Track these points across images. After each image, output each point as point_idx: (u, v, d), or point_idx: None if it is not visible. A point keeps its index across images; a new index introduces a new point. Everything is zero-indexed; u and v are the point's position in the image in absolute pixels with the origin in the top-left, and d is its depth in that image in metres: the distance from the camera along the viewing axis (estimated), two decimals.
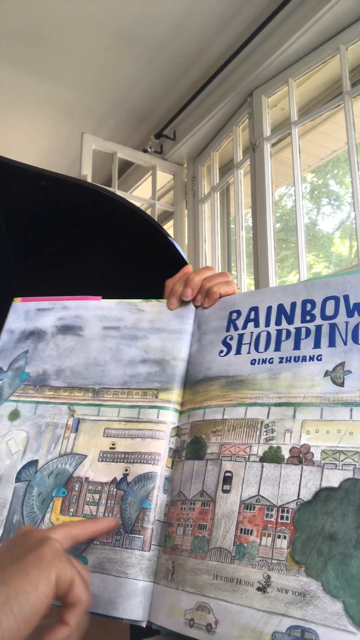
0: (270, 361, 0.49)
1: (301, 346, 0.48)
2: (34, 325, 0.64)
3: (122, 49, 2.08)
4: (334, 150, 2.32)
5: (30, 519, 0.51)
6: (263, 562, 0.39)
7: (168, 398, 0.54)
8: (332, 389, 0.44)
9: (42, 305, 0.66)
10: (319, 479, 0.40)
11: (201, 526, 0.44)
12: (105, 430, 0.53)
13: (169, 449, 0.51)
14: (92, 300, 0.65)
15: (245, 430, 0.46)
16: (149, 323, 0.60)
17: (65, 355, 0.60)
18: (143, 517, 0.47)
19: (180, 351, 0.57)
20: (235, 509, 0.43)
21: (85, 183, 1.32)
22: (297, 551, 0.38)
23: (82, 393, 0.57)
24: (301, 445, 0.42)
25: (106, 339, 0.60)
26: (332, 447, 0.41)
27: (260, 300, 0.55)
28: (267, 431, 0.45)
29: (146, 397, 0.55)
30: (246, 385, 0.49)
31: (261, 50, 1.98)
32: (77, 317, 0.63)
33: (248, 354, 0.52)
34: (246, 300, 0.56)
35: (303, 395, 0.45)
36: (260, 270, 1.98)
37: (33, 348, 0.62)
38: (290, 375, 0.47)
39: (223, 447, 0.47)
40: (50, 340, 0.62)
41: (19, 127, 2.59)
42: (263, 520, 0.41)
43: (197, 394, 0.53)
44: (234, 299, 0.58)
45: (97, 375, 0.58)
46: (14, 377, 0.61)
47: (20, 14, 1.92)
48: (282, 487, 0.41)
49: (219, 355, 0.54)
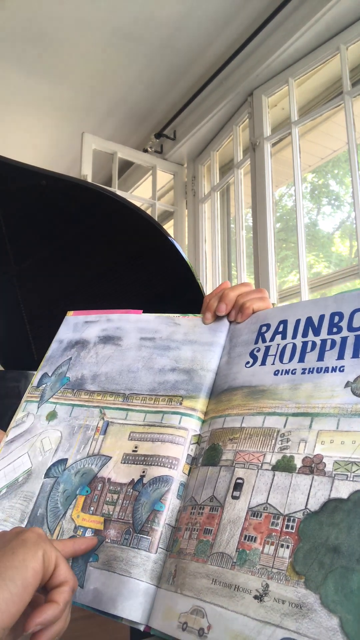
0: (293, 372, 0.50)
1: (325, 357, 0.49)
2: (80, 335, 0.69)
3: (122, 49, 2.08)
4: (334, 150, 2.32)
5: (53, 514, 0.53)
6: (263, 570, 0.39)
7: (192, 406, 0.55)
8: (351, 399, 0.44)
9: (89, 318, 0.71)
10: (328, 489, 0.39)
11: (207, 530, 0.44)
12: (131, 434, 0.55)
13: (187, 455, 0.52)
14: (134, 313, 0.69)
15: (261, 439, 0.46)
16: (183, 335, 0.63)
17: (102, 362, 0.64)
18: (154, 518, 0.48)
19: (210, 362, 0.59)
20: (242, 515, 0.42)
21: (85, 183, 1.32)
22: (298, 561, 0.37)
23: (114, 397, 0.60)
24: (314, 455, 0.42)
25: (141, 349, 0.64)
26: (345, 457, 0.40)
27: (290, 314, 0.56)
28: (282, 440, 0.45)
29: (171, 403, 0.57)
30: (267, 395, 0.50)
31: (261, 50, 1.98)
32: (118, 329, 0.68)
33: (272, 365, 0.52)
34: (277, 314, 0.58)
35: (322, 405, 0.45)
36: (260, 270, 1.98)
37: (76, 355, 0.67)
38: (311, 386, 0.47)
39: (238, 454, 0.47)
40: (92, 349, 0.67)
41: (19, 127, 2.58)
42: (268, 528, 0.40)
43: (220, 403, 0.54)
44: (265, 314, 0.59)
45: (129, 381, 0.61)
46: (55, 381, 0.65)
47: (20, 14, 1.92)
48: (291, 496, 0.41)
49: (245, 367, 0.55)
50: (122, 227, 1.16)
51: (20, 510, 0.55)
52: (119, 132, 2.58)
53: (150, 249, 1.17)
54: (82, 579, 0.47)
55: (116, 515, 0.50)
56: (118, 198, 1.12)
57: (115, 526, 0.49)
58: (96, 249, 1.24)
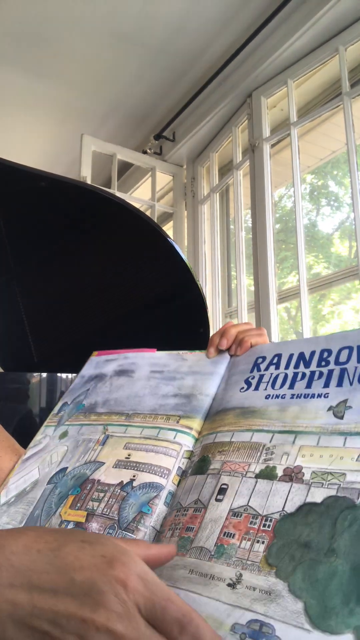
0: (282, 396, 0.56)
1: (312, 385, 0.54)
2: (99, 371, 0.78)
3: (122, 49, 2.08)
4: (334, 151, 2.32)
5: (47, 513, 0.56)
6: (238, 562, 0.41)
7: (188, 424, 0.60)
8: (332, 421, 0.49)
9: (110, 357, 0.79)
10: (304, 494, 0.43)
11: (189, 528, 0.47)
12: (126, 444, 0.60)
13: (178, 467, 0.55)
14: (148, 352, 0.77)
15: (248, 452, 0.51)
16: (188, 368, 0.70)
17: (115, 391, 0.71)
18: (140, 519, 0.50)
19: (209, 388, 0.65)
20: (224, 515, 0.46)
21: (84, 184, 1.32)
22: (271, 555, 0.41)
23: (117, 416, 0.66)
24: (295, 466, 0.46)
25: (150, 379, 0.71)
26: (322, 468, 0.45)
27: (285, 349, 0.62)
28: (267, 453, 0.49)
29: (169, 421, 0.62)
30: (257, 415, 0.55)
31: (260, 51, 1.98)
32: (133, 364, 0.75)
33: (264, 390, 0.58)
34: (273, 349, 0.64)
35: (305, 425, 0.50)
36: (259, 271, 1.98)
37: (93, 387, 0.74)
38: (297, 409, 0.53)
39: (225, 464, 0.51)
40: (108, 380, 0.74)
41: (19, 128, 2.59)
42: (247, 526, 0.44)
43: (213, 422, 0.59)
44: (262, 347, 0.67)
45: (134, 404, 0.67)
46: (72, 408, 0.73)
47: (20, 14, 1.92)
48: (270, 499, 0.45)
49: (239, 391, 0.61)
50: (122, 228, 1.16)
51: (22, 513, 0.58)
52: (118, 134, 2.58)
53: (150, 251, 1.17)
54: None
55: (100, 510, 0.52)
56: (117, 199, 1.12)
57: (98, 520, 0.51)
58: (95, 251, 1.24)
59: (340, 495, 0.41)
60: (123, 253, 1.21)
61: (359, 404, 0.49)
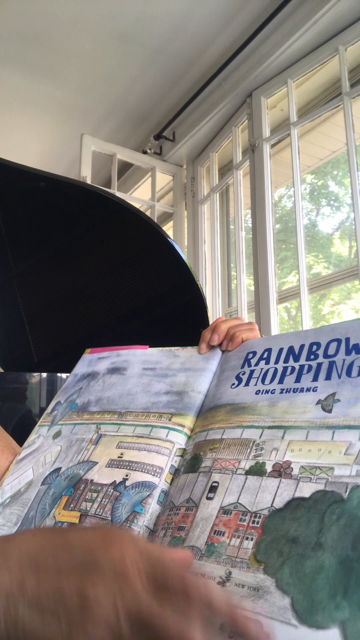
0: (272, 392, 0.56)
1: (301, 379, 0.55)
2: (92, 369, 0.77)
3: (122, 49, 2.08)
4: (334, 151, 2.32)
5: (41, 514, 0.56)
6: (228, 560, 0.42)
7: (180, 422, 0.60)
8: (320, 414, 0.49)
9: (102, 355, 0.79)
10: (293, 489, 0.43)
11: (181, 528, 0.47)
12: (119, 443, 0.60)
13: (170, 465, 0.55)
14: (141, 348, 0.76)
15: (238, 448, 0.51)
16: (180, 365, 0.70)
17: (107, 389, 0.71)
18: (133, 519, 0.50)
19: (201, 385, 0.65)
20: (214, 513, 0.46)
21: (84, 184, 1.32)
22: (260, 551, 0.41)
23: (110, 415, 0.66)
24: (284, 462, 0.47)
25: (142, 377, 0.70)
26: (310, 463, 0.45)
27: (274, 343, 0.63)
28: (256, 449, 0.49)
29: (161, 419, 0.61)
30: (247, 411, 0.55)
31: (260, 51, 1.98)
32: (125, 361, 0.75)
33: (255, 386, 0.58)
34: (263, 343, 0.65)
35: (294, 419, 0.50)
36: (259, 271, 1.98)
37: (86, 385, 0.74)
38: (286, 403, 0.53)
39: (216, 461, 0.51)
40: (101, 379, 0.74)
41: (19, 128, 2.59)
42: (236, 523, 0.44)
43: (205, 419, 0.59)
44: (252, 342, 0.67)
45: (127, 402, 0.67)
46: (65, 407, 0.72)
47: (20, 14, 1.92)
48: (259, 496, 0.45)
49: (230, 388, 0.61)
50: (122, 228, 1.16)
51: (16, 514, 0.58)
52: (118, 134, 2.58)
53: (150, 251, 1.17)
54: None
55: (93, 511, 0.52)
56: (117, 199, 1.12)
57: (91, 521, 0.51)
58: (95, 251, 1.24)
59: (328, 490, 0.42)
60: (123, 253, 1.21)
61: (347, 397, 0.49)
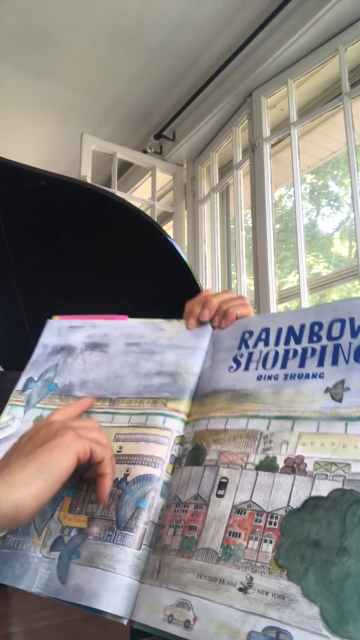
0: (275, 377, 0.52)
1: (306, 364, 0.51)
2: (65, 341, 0.69)
3: (122, 49, 2.08)
4: (334, 151, 2.32)
5: (40, 515, 0.54)
6: (247, 564, 0.40)
7: (176, 407, 0.57)
8: (330, 404, 0.46)
9: (74, 323, 0.71)
10: (309, 488, 0.42)
11: (192, 527, 0.45)
12: (116, 435, 0.57)
13: (170, 455, 0.53)
14: (119, 319, 0.69)
15: (244, 440, 0.48)
16: (167, 340, 0.65)
17: (90, 369, 0.65)
18: (138, 516, 0.49)
19: (193, 366, 0.60)
20: (227, 512, 0.44)
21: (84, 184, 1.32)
22: (281, 555, 0.39)
23: (100, 402, 0.61)
24: (296, 456, 0.44)
25: (127, 354, 0.65)
26: (325, 458, 0.43)
27: (272, 322, 0.58)
28: (265, 442, 0.47)
29: (156, 405, 0.58)
30: (250, 399, 0.52)
31: (260, 51, 1.98)
32: (105, 335, 0.68)
33: (255, 371, 0.55)
34: (259, 322, 0.60)
35: (302, 409, 0.47)
36: (259, 271, 1.98)
37: (63, 362, 0.67)
38: (292, 391, 0.50)
39: (222, 454, 0.49)
40: (79, 355, 0.67)
41: (19, 128, 2.59)
42: (252, 524, 0.42)
43: (203, 405, 0.56)
44: (248, 321, 0.62)
45: (116, 386, 0.62)
46: (42, 387, 0.66)
47: (20, 14, 1.92)
48: (274, 494, 0.43)
49: (229, 371, 0.57)
50: (122, 228, 1.16)
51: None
52: (118, 133, 2.58)
53: (150, 250, 1.17)
54: (64, 576, 0.48)
55: (99, 512, 0.51)
56: (117, 199, 1.12)
57: (98, 524, 0.50)
58: (95, 250, 1.24)
59: (347, 489, 0.40)
60: (123, 253, 1.21)
61: (357, 386, 0.46)
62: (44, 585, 0.48)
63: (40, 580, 0.49)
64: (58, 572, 0.48)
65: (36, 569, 0.50)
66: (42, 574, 0.49)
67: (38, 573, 0.49)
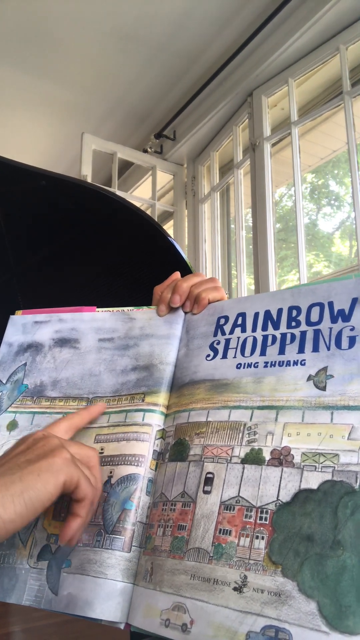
0: (255, 365, 0.50)
1: (286, 351, 0.49)
2: (31, 338, 0.65)
3: (122, 49, 2.08)
4: (334, 151, 2.32)
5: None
6: (240, 562, 0.39)
7: (154, 401, 0.55)
8: (314, 392, 0.45)
9: (38, 318, 0.67)
10: (298, 480, 0.40)
11: (181, 527, 0.44)
12: (96, 437, 0.55)
13: (153, 451, 0.52)
14: (87, 311, 0.65)
15: (228, 433, 0.47)
16: (139, 330, 0.62)
17: (61, 367, 0.62)
18: (125, 518, 0.48)
19: (168, 355, 0.58)
20: (215, 509, 0.43)
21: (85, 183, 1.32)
22: (274, 552, 0.38)
23: (77, 402, 0.58)
24: (282, 448, 0.43)
25: (101, 351, 0.61)
26: (312, 449, 0.41)
27: (248, 307, 0.55)
28: (249, 433, 0.46)
29: (134, 401, 0.56)
30: (231, 389, 0.50)
31: (261, 50, 1.98)
32: (73, 330, 0.64)
33: (234, 358, 0.52)
34: (234, 306, 0.57)
35: (286, 398, 0.46)
36: (260, 270, 1.98)
37: (31, 361, 0.64)
38: (274, 380, 0.48)
39: (206, 449, 0.47)
40: (48, 353, 0.64)
41: (19, 127, 2.58)
42: (242, 521, 0.41)
43: (182, 397, 0.53)
44: (222, 305, 0.58)
45: (92, 385, 0.59)
46: (12, 389, 0.62)
47: (20, 13, 1.92)
48: (262, 488, 0.42)
49: (206, 359, 0.54)
50: (122, 227, 1.16)
51: None
52: (118, 133, 2.58)
53: (150, 250, 1.17)
54: (56, 586, 0.47)
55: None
56: (118, 198, 1.12)
57: (86, 529, 0.48)
58: (96, 250, 1.24)
59: (337, 480, 0.39)
60: (123, 252, 1.21)
61: (340, 373, 0.44)
62: (34, 597, 0.47)
63: (30, 592, 0.48)
64: (49, 583, 0.47)
65: (25, 581, 0.49)
66: (32, 585, 0.48)
67: (27, 585, 0.48)
